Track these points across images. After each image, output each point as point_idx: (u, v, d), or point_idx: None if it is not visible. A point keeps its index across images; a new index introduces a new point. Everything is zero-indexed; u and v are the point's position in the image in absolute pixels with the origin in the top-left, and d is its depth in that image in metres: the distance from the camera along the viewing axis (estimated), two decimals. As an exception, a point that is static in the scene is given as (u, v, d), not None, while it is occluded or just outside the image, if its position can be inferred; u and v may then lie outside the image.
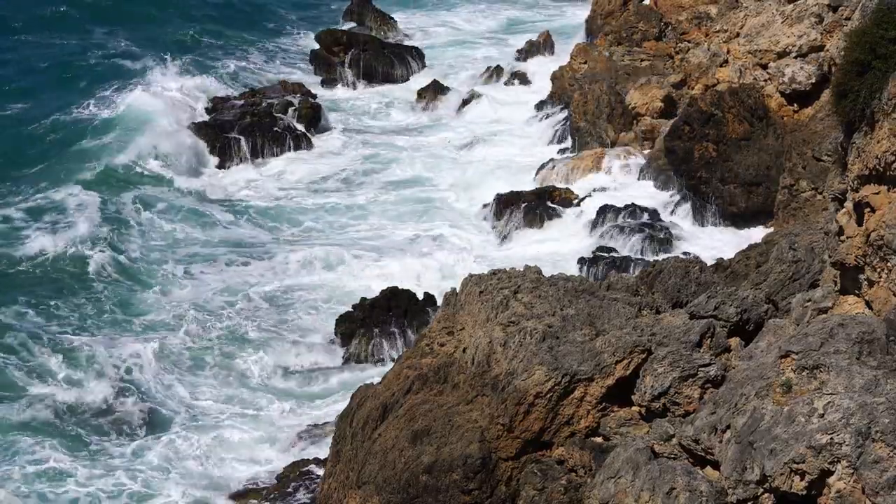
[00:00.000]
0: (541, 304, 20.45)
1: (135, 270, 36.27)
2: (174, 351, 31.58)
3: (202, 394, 29.78)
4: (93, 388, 29.38)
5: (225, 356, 31.60)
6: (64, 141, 46.95)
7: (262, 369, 31.00)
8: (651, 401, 18.22)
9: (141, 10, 65.52)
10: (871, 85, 16.11)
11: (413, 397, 20.66)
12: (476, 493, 18.78)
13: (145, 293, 34.95)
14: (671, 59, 47.01)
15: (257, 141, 47.54)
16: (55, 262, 36.33)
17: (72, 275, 35.71)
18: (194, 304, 34.22)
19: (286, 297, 35.08)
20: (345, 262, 37.19)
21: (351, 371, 30.96)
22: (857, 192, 16.58)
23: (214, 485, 25.92)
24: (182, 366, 31.00)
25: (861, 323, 15.10)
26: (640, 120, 43.08)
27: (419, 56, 59.38)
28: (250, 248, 38.68)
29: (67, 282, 35.25)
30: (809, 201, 32.83)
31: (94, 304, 34.04)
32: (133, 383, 29.86)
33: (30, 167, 44.45)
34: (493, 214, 40.38)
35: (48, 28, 62.20)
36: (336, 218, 41.64)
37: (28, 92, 52.57)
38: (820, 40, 39.28)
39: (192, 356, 31.55)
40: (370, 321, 32.11)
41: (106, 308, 33.85)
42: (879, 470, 13.44)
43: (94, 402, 28.95)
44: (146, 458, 26.74)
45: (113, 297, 34.52)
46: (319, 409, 29.24)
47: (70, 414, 28.43)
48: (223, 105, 50.65)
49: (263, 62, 60.31)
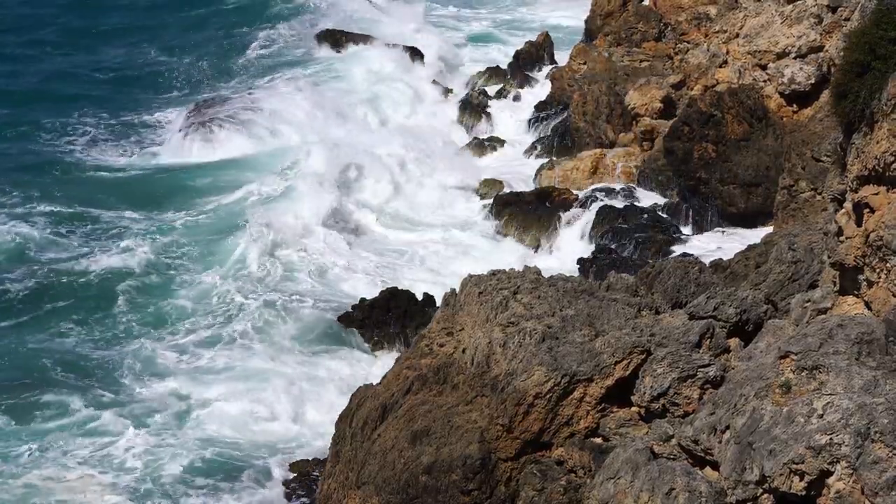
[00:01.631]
0: (540, 304, 20.46)
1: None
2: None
3: (200, 393, 29.75)
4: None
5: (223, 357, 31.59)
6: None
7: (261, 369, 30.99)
8: (650, 401, 18.22)
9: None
10: (871, 85, 16.10)
11: (412, 398, 20.68)
12: (475, 493, 18.79)
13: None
14: (670, 59, 47.01)
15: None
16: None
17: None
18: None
19: (286, 297, 35.04)
20: (344, 263, 37.22)
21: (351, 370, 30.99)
22: (856, 193, 16.58)
23: (213, 485, 25.92)
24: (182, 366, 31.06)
25: (860, 323, 15.11)
26: (640, 120, 43.08)
27: (419, 56, 59.39)
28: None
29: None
30: (809, 202, 32.81)
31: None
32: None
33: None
34: (493, 214, 40.39)
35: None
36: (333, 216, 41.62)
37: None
38: (819, 41, 39.29)
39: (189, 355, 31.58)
40: (370, 321, 32.14)
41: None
42: (879, 470, 13.44)
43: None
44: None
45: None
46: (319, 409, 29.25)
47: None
48: (223, 104, 50.88)
49: (263, 62, 60.31)
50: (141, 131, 50.20)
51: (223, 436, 27.68)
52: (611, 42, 50.15)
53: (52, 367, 30.13)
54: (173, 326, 32.97)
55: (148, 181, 44.25)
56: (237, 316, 33.32)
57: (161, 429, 27.77)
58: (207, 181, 44.01)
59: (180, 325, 33.03)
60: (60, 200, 41.17)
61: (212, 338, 32.23)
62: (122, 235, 38.60)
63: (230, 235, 38.34)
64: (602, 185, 41.07)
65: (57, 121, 50.23)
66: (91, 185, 43.38)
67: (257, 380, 29.86)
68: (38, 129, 49.29)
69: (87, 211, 40.65)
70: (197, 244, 38.07)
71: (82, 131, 49.69)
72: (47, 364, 30.24)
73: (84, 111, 51.92)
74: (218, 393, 29.17)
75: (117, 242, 37.91)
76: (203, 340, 32.12)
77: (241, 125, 48.17)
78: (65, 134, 49.18)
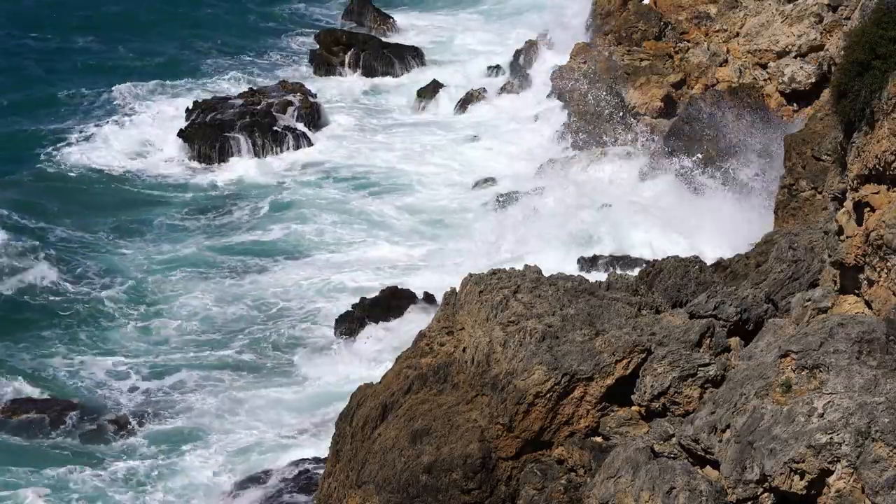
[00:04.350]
0: (540, 303, 20.44)
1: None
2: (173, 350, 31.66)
3: (202, 392, 29.77)
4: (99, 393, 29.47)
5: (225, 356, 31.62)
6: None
7: (262, 370, 31.02)
8: (651, 400, 18.22)
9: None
10: (871, 85, 16.09)
11: (413, 397, 20.66)
12: (476, 492, 18.77)
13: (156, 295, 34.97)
14: (671, 58, 46.94)
15: (257, 140, 47.61)
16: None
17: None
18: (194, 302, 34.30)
19: (285, 298, 35.06)
20: (343, 263, 37.23)
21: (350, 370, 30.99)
22: (856, 192, 16.58)
23: (214, 486, 25.93)
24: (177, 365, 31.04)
25: (861, 323, 15.10)
26: (640, 119, 43.08)
27: (418, 55, 59.38)
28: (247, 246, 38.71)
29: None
30: (809, 201, 32.78)
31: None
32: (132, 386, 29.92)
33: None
34: (493, 213, 40.35)
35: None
36: (335, 217, 41.62)
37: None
38: (819, 40, 39.31)
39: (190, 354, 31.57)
40: (370, 320, 32.12)
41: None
42: (879, 469, 13.44)
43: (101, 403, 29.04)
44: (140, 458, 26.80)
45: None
46: (318, 408, 29.26)
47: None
48: (222, 105, 50.61)
49: (263, 61, 60.32)
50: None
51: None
52: (611, 41, 50.08)
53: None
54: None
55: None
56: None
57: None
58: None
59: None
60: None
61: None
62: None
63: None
64: (602, 184, 41.01)
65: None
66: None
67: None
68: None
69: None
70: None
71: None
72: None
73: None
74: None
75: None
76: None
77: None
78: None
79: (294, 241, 39.44)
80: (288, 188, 44.21)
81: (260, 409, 29.26)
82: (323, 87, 55.61)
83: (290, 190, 44.05)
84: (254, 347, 32.14)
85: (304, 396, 29.99)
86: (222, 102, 50.92)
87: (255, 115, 49.02)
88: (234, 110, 49.70)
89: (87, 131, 48.66)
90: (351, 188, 44.21)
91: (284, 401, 29.67)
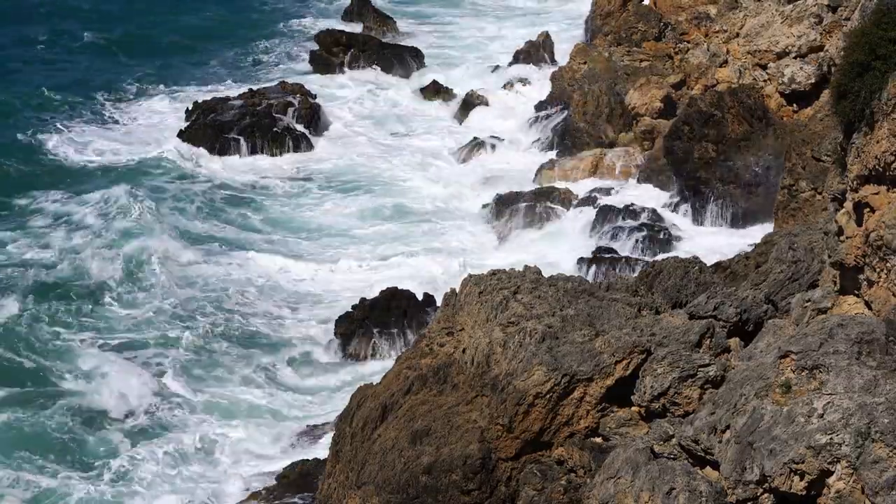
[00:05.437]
0: (540, 304, 20.45)
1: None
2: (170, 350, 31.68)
3: (201, 394, 29.76)
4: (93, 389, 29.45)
5: (223, 357, 31.61)
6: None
7: (261, 370, 31.01)
8: (650, 401, 18.22)
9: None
10: (871, 85, 16.10)
11: (413, 397, 20.67)
12: (476, 493, 18.78)
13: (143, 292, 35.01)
14: (671, 59, 46.98)
15: (257, 141, 47.60)
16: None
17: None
18: (190, 302, 34.32)
19: (285, 298, 35.08)
20: (343, 263, 37.25)
21: (350, 371, 31.00)
22: (856, 193, 16.58)
23: (214, 486, 25.92)
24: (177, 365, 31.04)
25: (860, 323, 15.10)
26: (640, 120, 43.08)
27: (418, 56, 59.37)
28: (246, 246, 38.74)
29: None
30: (809, 201, 32.83)
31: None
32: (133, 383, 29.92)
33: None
34: (493, 214, 40.37)
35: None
36: (334, 218, 41.61)
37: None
38: (819, 40, 39.32)
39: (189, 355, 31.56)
40: (370, 321, 32.11)
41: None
42: (879, 470, 13.44)
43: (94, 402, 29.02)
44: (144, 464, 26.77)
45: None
46: (319, 409, 29.25)
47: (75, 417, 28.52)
48: (222, 105, 50.59)
49: (263, 62, 60.35)
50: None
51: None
52: (611, 42, 50.11)
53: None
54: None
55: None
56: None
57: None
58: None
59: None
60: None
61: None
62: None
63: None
64: (602, 184, 41.08)
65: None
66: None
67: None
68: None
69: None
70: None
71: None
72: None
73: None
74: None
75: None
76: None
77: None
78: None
79: (293, 241, 39.46)
80: (287, 188, 44.19)
81: (260, 408, 29.25)
82: (323, 87, 55.62)
83: (289, 190, 44.03)
84: (253, 347, 32.12)
85: (303, 396, 30.00)
86: (222, 103, 50.87)
87: (255, 115, 48.99)
88: (234, 111, 49.66)
89: (87, 131, 48.65)
90: (350, 188, 44.20)
91: (284, 401, 29.68)
